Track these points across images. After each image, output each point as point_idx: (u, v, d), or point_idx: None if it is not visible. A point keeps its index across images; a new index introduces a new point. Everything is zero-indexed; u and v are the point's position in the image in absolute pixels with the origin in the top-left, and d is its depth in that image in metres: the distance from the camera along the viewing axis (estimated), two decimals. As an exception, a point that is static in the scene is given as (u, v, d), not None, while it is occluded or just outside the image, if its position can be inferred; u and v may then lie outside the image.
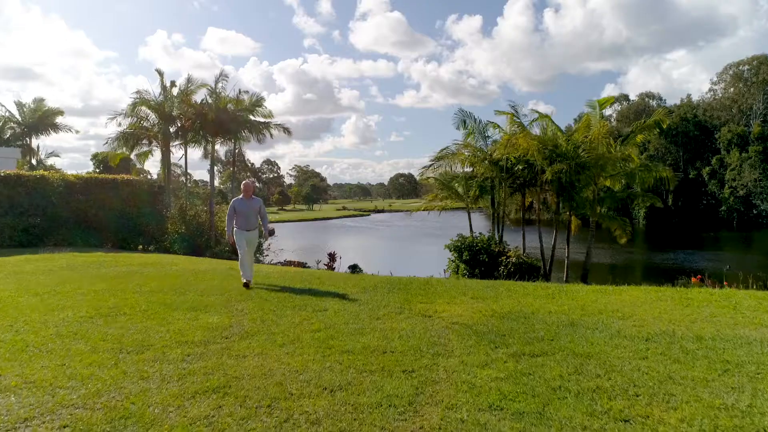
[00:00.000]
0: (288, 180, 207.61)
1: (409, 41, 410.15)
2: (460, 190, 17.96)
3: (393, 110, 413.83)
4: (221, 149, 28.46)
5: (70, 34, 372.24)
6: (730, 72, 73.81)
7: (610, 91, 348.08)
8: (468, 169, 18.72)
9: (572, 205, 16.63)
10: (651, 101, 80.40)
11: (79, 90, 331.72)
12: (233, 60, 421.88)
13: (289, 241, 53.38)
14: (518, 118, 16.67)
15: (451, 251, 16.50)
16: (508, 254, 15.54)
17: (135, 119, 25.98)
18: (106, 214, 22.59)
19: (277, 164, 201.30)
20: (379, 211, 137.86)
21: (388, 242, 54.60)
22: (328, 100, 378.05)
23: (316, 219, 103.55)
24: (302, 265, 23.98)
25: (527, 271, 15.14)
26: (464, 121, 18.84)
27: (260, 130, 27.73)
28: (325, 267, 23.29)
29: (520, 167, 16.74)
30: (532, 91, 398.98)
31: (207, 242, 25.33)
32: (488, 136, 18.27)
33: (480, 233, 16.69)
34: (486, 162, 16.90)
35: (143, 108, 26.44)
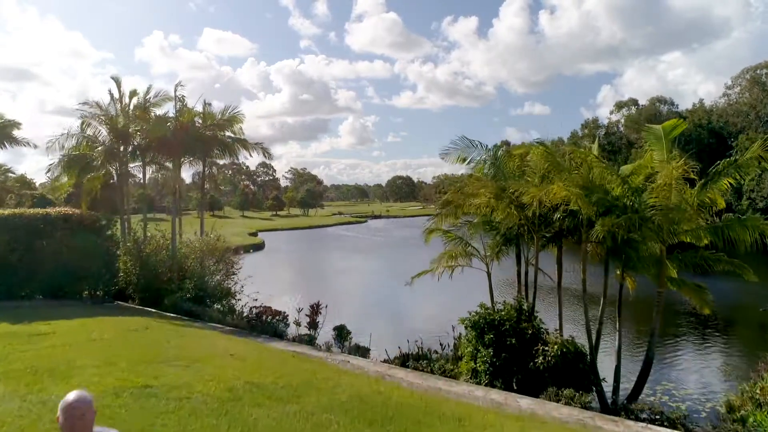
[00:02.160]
0: (284, 182, 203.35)
1: (405, 42, 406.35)
2: (476, 242, 13.81)
3: (390, 111, 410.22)
4: (190, 170, 24.27)
5: (67, 34, 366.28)
6: (747, 76, 69.87)
7: (606, 92, 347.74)
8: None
9: (629, 264, 12.55)
10: (662, 106, 76.42)
11: (75, 91, 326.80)
12: (230, 61, 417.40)
13: (275, 263, 48.71)
14: (551, 154, 12.52)
15: (467, 328, 12.36)
16: (546, 339, 11.42)
17: (81, 139, 21.78)
18: (37, 257, 18.42)
19: (272, 167, 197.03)
20: (376, 217, 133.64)
21: (384, 262, 50.37)
22: (324, 101, 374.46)
23: (310, 227, 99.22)
24: (278, 315, 19.81)
25: (573, 362, 11.08)
26: (464, 159, 14.68)
27: (234, 150, 23.58)
28: (307, 318, 19.16)
29: (558, 216, 12.59)
30: (528, 92, 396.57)
31: (168, 285, 21.13)
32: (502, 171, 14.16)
33: (505, 302, 12.56)
34: (512, 207, 12.74)
35: (93, 123, 22.27)
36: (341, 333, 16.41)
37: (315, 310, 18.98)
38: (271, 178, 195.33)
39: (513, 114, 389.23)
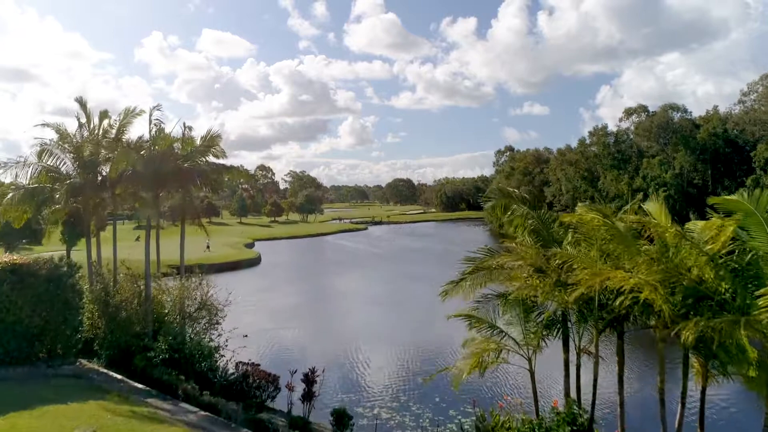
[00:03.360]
0: (283, 185, 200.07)
1: (403, 43, 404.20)
2: (515, 333, 10.81)
3: (389, 111, 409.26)
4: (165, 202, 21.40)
5: (66, 35, 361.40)
6: (765, 82, 66.95)
7: (605, 93, 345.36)
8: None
9: (714, 364, 9.67)
10: (674, 113, 73.44)
11: (75, 91, 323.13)
12: (229, 61, 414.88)
13: (269, 286, 44.80)
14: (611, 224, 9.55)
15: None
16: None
17: (39, 169, 18.87)
18: (-23, 317, 15.51)
19: (271, 170, 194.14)
20: (376, 223, 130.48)
21: (387, 284, 47.46)
22: (324, 102, 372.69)
23: (308, 235, 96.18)
24: (268, 377, 16.88)
25: None
26: (504, 207, 11.79)
27: (218, 179, 20.70)
28: (302, 389, 16.24)
29: (625, 302, 9.65)
30: (526, 92, 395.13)
31: (139, 341, 18.16)
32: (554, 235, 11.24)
33: (554, 411, 9.65)
34: (561, 290, 9.84)
35: (55, 151, 19.37)
36: (341, 420, 13.47)
37: (310, 378, 16.06)
38: (270, 181, 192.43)
39: (512, 114, 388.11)
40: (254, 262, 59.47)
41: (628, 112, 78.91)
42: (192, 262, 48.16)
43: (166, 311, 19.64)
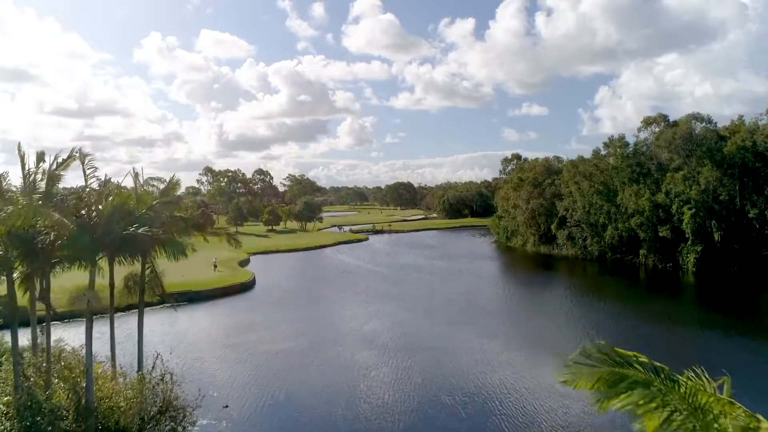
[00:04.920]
0: (281, 188, 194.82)
1: (402, 44, 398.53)
2: None
3: (388, 112, 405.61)
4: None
5: (65, 35, 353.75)
6: (797, 92, 62.22)
7: (603, 93, 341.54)
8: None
9: None
10: (697, 123, 68.71)
11: (74, 91, 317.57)
12: (228, 62, 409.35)
13: (261, 324, 39.46)
14: None
15: None
16: None
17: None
18: None
19: (269, 174, 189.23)
20: (377, 232, 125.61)
21: (393, 320, 42.61)
22: (323, 102, 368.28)
23: (307, 248, 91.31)
24: None
25: None
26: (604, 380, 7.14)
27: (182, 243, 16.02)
28: None
29: None
30: (525, 93, 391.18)
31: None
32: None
33: None
34: None
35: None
36: None
37: None
38: (268, 185, 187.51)
39: (511, 115, 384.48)
40: (247, 286, 54.74)
41: (647, 122, 74.24)
42: (185, 287, 43.80)
43: (116, 419, 14.96)
